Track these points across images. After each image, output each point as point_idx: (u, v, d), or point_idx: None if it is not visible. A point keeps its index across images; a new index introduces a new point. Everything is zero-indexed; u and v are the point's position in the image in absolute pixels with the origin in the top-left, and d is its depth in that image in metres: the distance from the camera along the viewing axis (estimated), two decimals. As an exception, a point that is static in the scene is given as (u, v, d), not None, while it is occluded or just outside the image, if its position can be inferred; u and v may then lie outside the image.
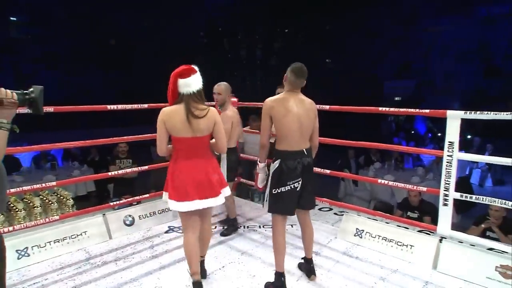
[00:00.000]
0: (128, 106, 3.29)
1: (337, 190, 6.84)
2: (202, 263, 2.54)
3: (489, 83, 17.04)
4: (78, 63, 15.45)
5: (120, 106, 3.23)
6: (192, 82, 2.13)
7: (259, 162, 2.47)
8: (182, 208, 2.18)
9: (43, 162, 7.17)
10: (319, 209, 4.09)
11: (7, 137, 1.45)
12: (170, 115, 2.12)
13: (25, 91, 1.52)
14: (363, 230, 3.21)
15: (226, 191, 2.33)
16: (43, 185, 3.04)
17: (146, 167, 3.75)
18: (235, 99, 4.13)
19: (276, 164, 2.33)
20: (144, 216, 3.56)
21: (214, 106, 2.99)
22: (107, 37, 17.00)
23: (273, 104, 2.33)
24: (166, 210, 3.73)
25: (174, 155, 2.25)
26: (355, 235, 3.24)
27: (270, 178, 2.37)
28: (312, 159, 2.43)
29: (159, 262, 2.86)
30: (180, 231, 3.48)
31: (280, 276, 2.40)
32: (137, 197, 3.59)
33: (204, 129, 2.15)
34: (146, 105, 3.42)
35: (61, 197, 3.63)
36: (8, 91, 1.46)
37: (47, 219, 2.96)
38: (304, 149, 2.34)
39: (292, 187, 2.31)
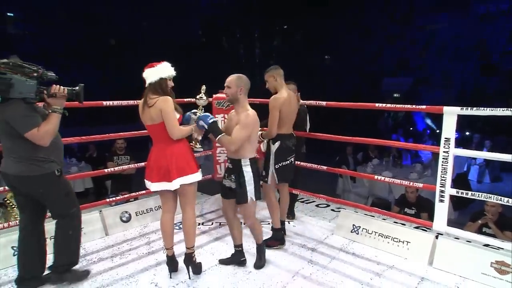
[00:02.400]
0: (124, 103, 3.27)
1: (335, 187, 6.84)
2: (190, 256, 2.55)
3: (486, 80, 17.04)
4: (75, 60, 15.38)
5: (116, 102, 3.22)
6: (148, 75, 2.34)
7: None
8: (148, 187, 2.49)
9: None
10: (316, 206, 4.09)
11: (60, 118, 2.20)
12: (140, 105, 2.43)
13: (72, 88, 2.25)
14: (359, 227, 3.21)
15: (186, 179, 2.41)
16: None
17: (144, 163, 3.73)
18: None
19: (277, 144, 2.93)
20: (141, 213, 3.55)
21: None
22: (104, 35, 16.92)
23: (284, 100, 2.90)
24: (163, 206, 3.72)
25: None
26: (351, 231, 3.24)
27: (273, 156, 2.92)
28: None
29: (155, 258, 2.86)
30: (177, 227, 3.47)
31: (279, 230, 3.04)
32: (134, 194, 3.58)
33: (155, 118, 2.32)
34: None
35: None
36: (61, 87, 2.18)
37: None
38: (292, 133, 3.07)
39: (290, 160, 3.02)
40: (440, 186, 2.71)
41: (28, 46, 15.63)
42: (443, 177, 2.69)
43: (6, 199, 3.39)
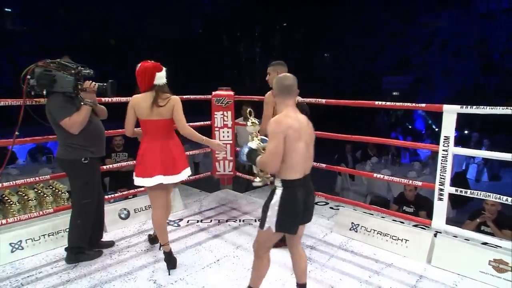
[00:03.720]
0: (123, 99, 3.25)
1: (334, 185, 6.84)
2: (169, 253, 2.60)
3: (487, 78, 17.03)
4: (74, 57, 15.31)
5: (114, 99, 3.20)
6: (164, 75, 2.49)
7: None
8: (147, 183, 2.48)
9: (39, 155, 7.13)
10: (315, 203, 4.08)
11: (90, 110, 2.50)
12: (140, 101, 2.46)
13: (102, 83, 2.51)
14: (358, 224, 3.21)
15: (189, 171, 2.65)
16: (37, 178, 3.02)
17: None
18: (231, 93, 4.11)
19: None
20: (139, 210, 3.55)
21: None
22: (103, 32, 16.85)
23: None
24: (162, 203, 3.72)
25: (143, 137, 2.57)
26: (350, 229, 3.24)
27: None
28: None
29: (154, 255, 2.85)
30: (176, 224, 3.48)
31: None
32: (132, 191, 3.57)
33: (164, 114, 2.45)
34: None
35: (56, 190, 3.62)
36: (93, 82, 2.48)
37: (41, 212, 2.94)
38: None
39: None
40: (439, 185, 2.71)
41: (27, 42, 15.57)
42: (442, 175, 2.69)
43: (4, 196, 3.38)
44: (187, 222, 3.54)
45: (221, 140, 4.11)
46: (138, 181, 2.52)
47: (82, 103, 2.46)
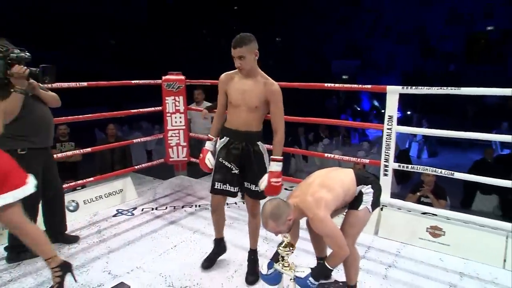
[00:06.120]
0: (65, 85, 3.06)
1: (288, 166, 7.02)
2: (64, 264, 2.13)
3: (425, 62, 18.22)
4: (14, 41, 13.99)
5: (55, 85, 2.99)
6: None
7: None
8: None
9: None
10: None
11: (21, 98, 2.20)
12: None
13: (35, 69, 2.23)
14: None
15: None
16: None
17: (89, 149, 3.56)
18: (182, 77, 4.02)
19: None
20: (89, 201, 3.40)
21: None
22: (45, 15, 15.51)
23: None
24: (114, 193, 3.59)
25: None
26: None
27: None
28: None
29: (108, 246, 2.76)
30: (130, 213, 3.38)
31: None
32: (81, 181, 3.40)
33: None
34: (85, 83, 3.22)
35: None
36: (23, 67, 2.16)
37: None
38: None
39: None
40: (384, 161, 2.89)
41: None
42: (387, 152, 2.87)
43: None
44: (142, 210, 3.46)
45: (174, 126, 4.04)
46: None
47: (12, 90, 2.18)
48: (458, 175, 2.72)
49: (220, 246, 2.51)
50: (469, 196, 5.44)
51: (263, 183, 2.13)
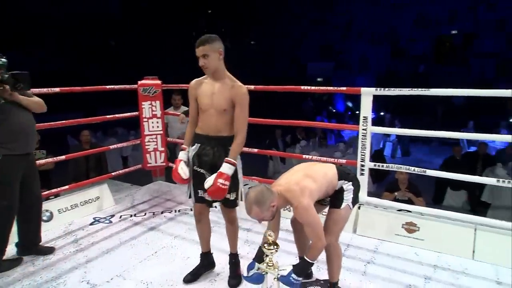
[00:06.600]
0: (36, 91, 2.95)
1: (266, 169, 7.07)
2: None
3: (396, 63, 18.84)
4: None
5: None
6: None
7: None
8: None
9: None
10: (250, 188, 4.19)
11: None
12: None
13: (6, 75, 2.24)
14: (291, 204, 3.38)
15: None
16: None
17: (64, 157, 3.46)
18: (158, 82, 3.98)
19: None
20: (64, 210, 3.30)
21: None
22: (8, 15, 14.91)
23: None
24: (90, 201, 3.51)
25: None
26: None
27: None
28: None
29: (85, 255, 2.69)
30: (107, 221, 3.31)
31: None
32: (55, 190, 3.30)
33: None
34: (57, 89, 3.13)
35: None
36: None
37: None
38: None
39: None
40: (361, 161, 2.97)
41: None
42: (363, 152, 2.96)
43: None
44: (120, 217, 3.39)
45: (151, 131, 3.99)
46: None
47: None
48: (431, 172, 2.84)
49: (206, 261, 2.43)
50: (440, 192, 5.67)
51: (208, 182, 2.05)
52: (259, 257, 1.94)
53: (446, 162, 5.94)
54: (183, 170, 2.21)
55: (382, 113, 13.58)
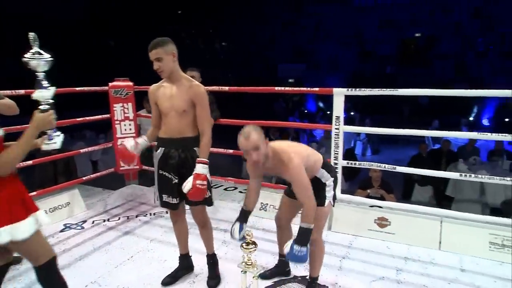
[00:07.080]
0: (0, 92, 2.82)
1: (241, 170, 7.08)
2: None
3: (364, 65, 19.43)
4: None
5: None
6: None
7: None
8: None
9: None
10: (225, 189, 4.21)
11: None
12: None
13: None
14: (267, 204, 3.42)
15: None
16: None
17: (31, 162, 3.32)
18: (130, 83, 3.91)
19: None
20: (32, 217, 3.16)
21: None
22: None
23: None
24: (60, 207, 3.39)
25: None
26: (260, 209, 3.43)
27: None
28: None
29: (59, 262, 2.59)
30: (79, 227, 3.21)
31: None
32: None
33: None
34: (22, 91, 3.00)
35: None
36: None
37: None
38: None
39: None
40: (334, 159, 3.06)
41: None
42: (336, 151, 3.04)
43: None
44: (92, 222, 3.30)
45: (123, 134, 3.90)
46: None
47: None
48: (400, 169, 2.97)
49: (185, 263, 2.43)
50: (409, 188, 5.92)
51: (187, 185, 2.03)
52: (244, 217, 2.12)
53: (414, 159, 6.20)
54: (128, 143, 2.20)
55: (352, 113, 13.97)
